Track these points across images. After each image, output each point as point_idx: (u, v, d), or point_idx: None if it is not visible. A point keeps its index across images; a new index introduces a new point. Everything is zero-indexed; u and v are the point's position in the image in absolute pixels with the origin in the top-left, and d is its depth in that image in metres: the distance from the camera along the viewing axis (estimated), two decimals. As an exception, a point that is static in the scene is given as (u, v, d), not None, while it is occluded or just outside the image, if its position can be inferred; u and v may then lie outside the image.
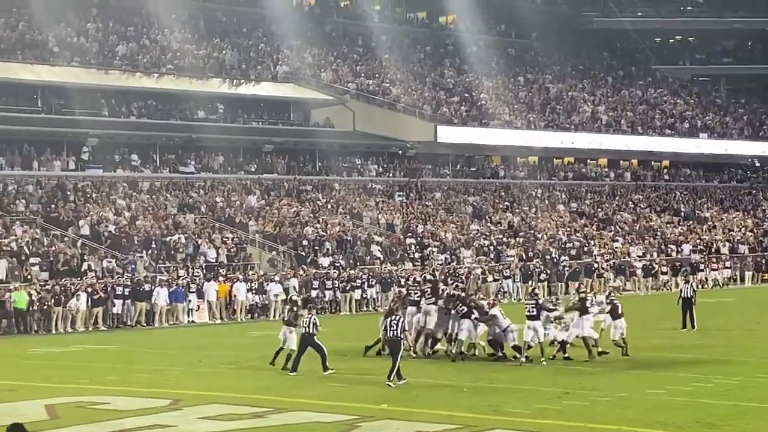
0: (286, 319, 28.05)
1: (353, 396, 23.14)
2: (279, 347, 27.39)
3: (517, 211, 66.18)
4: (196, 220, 53.22)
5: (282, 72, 67.93)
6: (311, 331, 26.37)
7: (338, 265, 51.11)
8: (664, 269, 59.28)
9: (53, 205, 50.68)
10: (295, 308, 28.42)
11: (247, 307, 45.58)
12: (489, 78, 76.49)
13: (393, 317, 25.54)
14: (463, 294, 30.94)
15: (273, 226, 54.52)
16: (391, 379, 24.39)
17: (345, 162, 65.80)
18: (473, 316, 29.08)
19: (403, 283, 43.25)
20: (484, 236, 59.99)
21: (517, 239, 60.52)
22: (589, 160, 77.56)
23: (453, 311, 29.35)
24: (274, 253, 52.45)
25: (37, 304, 40.53)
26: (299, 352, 26.72)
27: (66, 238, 47.98)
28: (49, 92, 57.91)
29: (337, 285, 47.77)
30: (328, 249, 52.83)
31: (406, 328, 26.01)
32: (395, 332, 25.11)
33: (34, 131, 55.54)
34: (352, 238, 55.20)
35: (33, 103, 57.95)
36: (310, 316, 26.75)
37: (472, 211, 64.57)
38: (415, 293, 30.83)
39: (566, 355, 28.67)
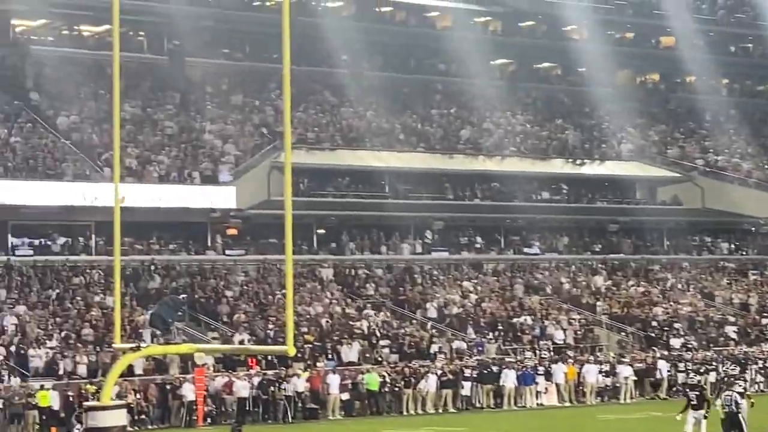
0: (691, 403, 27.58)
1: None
2: None
3: None
4: (542, 302, 52.91)
5: (626, 150, 67.03)
6: (735, 410, 25.71)
7: (690, 346, 49.44)
8: None
9: (401, 288, 51.68)
10: (693, 391, 27.79)
11: (597, 390, 44.63)
12: None
13: (728, 394, 25.46)
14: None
15: (620, 306, 53.50)
16: None
17: (694, 240, 64.01)
18: None
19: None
20: None
21: None
22: None
23: None
24: (622, 334, 51.37)
25: (388, 385, 41.21)
26: None
27: (414, 321, 48.74)
28: (395, 177, 59.39)
29: (689, 367, 46.05)
30: (678, 330, 51.25)
31: (740, 402, 25.19)
32: (731, 407, 25.13)
33: (382, 216, 57.02)
34: (704, 319, 53.36)
35: (381, 189, 59.57)
36: (730, 393, 26.31)
37: (833, 290, 61.17)
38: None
39: None
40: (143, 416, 37.67)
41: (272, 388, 39.61)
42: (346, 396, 40.44)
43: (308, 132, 57.91)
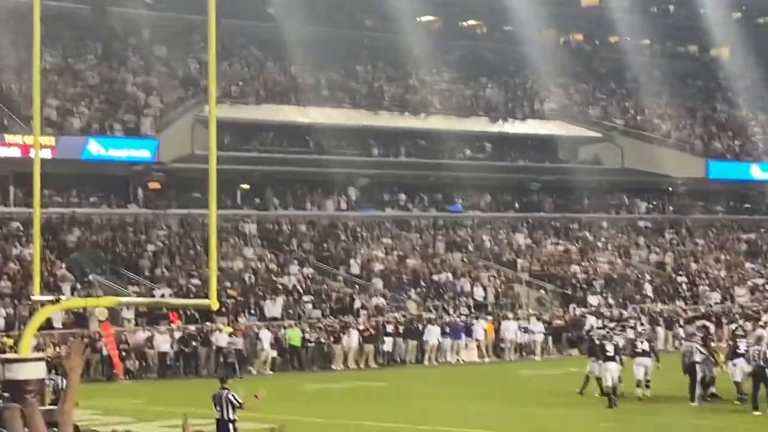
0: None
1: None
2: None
3: (794, 248, 63.51)
4: (464, 259, 53.34)
5: (549, 109, 67.54)
6: (763, 365, 25.95)
7: (607, 303, 50.21)
8: None
9: (325, 244, 51.78)
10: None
11: (516, 346, 45.16)
12: (764, 111, 73.84)
13: (756, 348, 26.27)
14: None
15: (540, 264, 54.11)
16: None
17: (613, 199, 64.77)
18: None
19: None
20: (759, 275, 57.81)
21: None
22: None
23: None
24: (542, 291, 51.99)
25: (311, 341, 41.38)
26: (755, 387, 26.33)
27: (338, 277, 48.91)
28: (320, 133, 59.30)
29: (607, 324, 46.67)
30: (596, 287, 52.01)
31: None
32: (758, 362, 25.93)
33: (307, 172, 56.98)
34: (621, 277, 54.18)
35: (305, 145, 59.47)
36: (760, 348, 26.65)
37: (746, 249, 62.37)
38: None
39: None
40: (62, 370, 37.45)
41: (194, 343, 39.66)
42: (274, 353, 40.57)
43: (232, 86, 57.56)
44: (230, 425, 18.66)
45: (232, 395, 18.70)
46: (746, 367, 27.70)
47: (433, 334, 42.98)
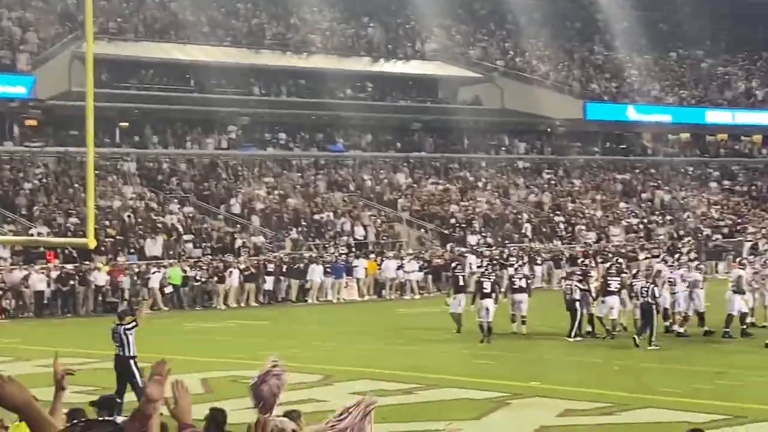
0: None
1: (503, 373, 23.06)
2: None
3: (667, 188, 65.02)
4: (345, 198, 53.61)
5: (430, 50, 67.80)
6: (650, 301, 26.55)
7: (486, 243, 50.95)
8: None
9: (206, 183, 51.58)
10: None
11: (396, 285, 45.65)
12: (640, 54, 75.06)
13: (644, 285, 26.78)
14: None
15: (421, 204, 54.62)
16: (653, 343, 26.02)
17: (493, 140, 65.46)
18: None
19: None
20: (633, 214, 59.18)
21: (667, 217, 59.56)
22: (743, 137, 75.59)
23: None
24: (422, 230, 52.53)
25: (197, 279, 41.39)
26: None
27: (219, 216, 48.81)
28: (201, 72, 58.79)
29: (485, 263, 47.41)
30: (475, 227, 52.73)
31: (657, 296, 26.83)
32: (646, 299, 26.41)
33: (187, 110, 56.52)
34: (500, 216, 54.98)
35: (185, 83, 58.94)
36: (648, 285, 26.99)
37: (621, 189, 63.72)
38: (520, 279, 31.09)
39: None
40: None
41: (72, 282, 39.36)
42: (170, 288, 40.51)
43: (111, 22, 56.65)
44: (131, 361, 18.75)
45: (128, 325, 18.89)
46: (617, 304, 28.64)
47: (316, 273, 43.27)
